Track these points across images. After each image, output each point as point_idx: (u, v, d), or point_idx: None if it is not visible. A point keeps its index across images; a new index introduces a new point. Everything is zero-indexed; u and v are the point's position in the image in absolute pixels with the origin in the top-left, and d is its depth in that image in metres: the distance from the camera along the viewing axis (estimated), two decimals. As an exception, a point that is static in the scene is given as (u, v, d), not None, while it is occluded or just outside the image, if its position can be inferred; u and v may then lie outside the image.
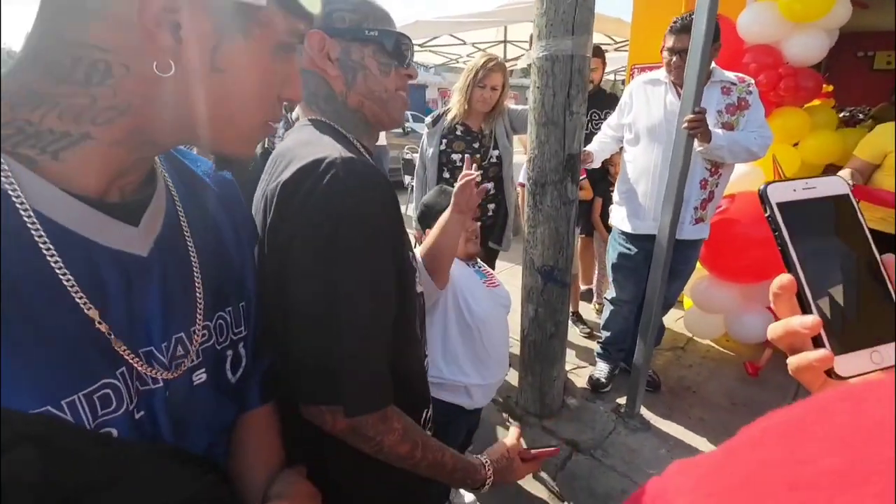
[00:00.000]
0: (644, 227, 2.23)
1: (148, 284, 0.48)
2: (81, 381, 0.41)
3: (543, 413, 2.35)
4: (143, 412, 0.48)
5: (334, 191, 0.63)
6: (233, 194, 0.65)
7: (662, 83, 2.16)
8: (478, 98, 2.24)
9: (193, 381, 0.53)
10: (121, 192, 0.47)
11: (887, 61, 6.14)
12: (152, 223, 0.50)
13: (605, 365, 2.62)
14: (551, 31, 1.83)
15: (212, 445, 0.57)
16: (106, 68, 0.41)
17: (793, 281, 0.36)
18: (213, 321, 0.56)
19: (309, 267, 0.64)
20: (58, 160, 0.41)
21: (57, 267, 0.40)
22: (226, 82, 0.46)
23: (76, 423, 0.40)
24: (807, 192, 0.37)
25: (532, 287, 2.19)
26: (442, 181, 2.39)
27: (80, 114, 0.42)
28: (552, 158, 1.97)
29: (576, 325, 3.24)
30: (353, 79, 0.78)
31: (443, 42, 6.64)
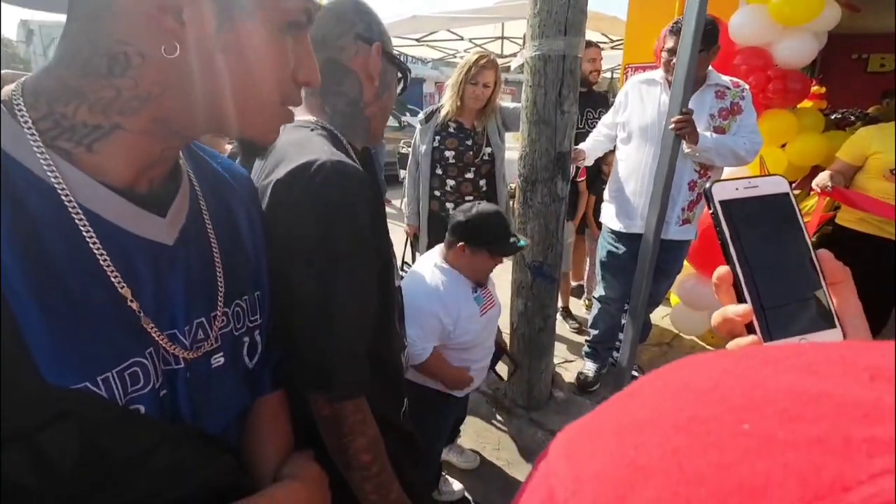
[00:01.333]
0: (633, 225, 2.26)
1: (173, 272, 0.51)
2: (115, 358, 0.44)
3: (531, 405, 2.41)
4: (166, 391, 0.50)
5: (324, 192, 0.67)
6: (249, 189, 0.68)
7: (658, 83, 2.18)
8: (470, 95, 2.27)
9: (212, 364, 0.56)
10: (149, 185, 0.50)
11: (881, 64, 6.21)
12: (178, 215, 0.53)
13: (594, 364, 2.65)
14: (544, 31, 1.87)
15: (227, 428, 0.60)
16: (125, 59, 0.43)
17: (730, 272, 0.38)
18: (231, 308, 0.59)
19: (301, 264, 0.69)
20: (92, 151, 0.44)
21: (98, 253, 0.44)
22: (234, 63, 0.47)
23: (110, 398, 0.43)
24: (748, 190, 0.39)
25: (522, 282, 2.24)
26: (434, 178, 2.42)
27: (108, 105, 0.44)
28: (543, 156, 2.01)
29: (565, 321, 3.29)
30: (383, 93, 0.86)
31: (440, 37, 6.65)
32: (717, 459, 0.15)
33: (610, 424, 0.19)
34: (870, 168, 2.35)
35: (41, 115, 0.43)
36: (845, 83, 5.85)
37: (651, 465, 0.16)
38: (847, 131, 3.48)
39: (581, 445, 0.19)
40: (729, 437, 0.15)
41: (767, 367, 0.18)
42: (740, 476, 0.14)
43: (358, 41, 0.80)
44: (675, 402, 0.18)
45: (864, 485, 0.12)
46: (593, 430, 0.20)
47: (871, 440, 0.13)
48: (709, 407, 0.17)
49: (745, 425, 0.15)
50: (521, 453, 2.18)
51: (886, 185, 2.29)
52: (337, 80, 0.82)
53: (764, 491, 0.13)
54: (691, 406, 0.17)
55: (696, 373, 0.19)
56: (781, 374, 0.17)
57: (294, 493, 0.61)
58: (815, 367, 0.17)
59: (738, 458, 0.15)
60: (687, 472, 0.15)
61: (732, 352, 0.20)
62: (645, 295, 1.87)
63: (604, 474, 0.17)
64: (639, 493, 0.16)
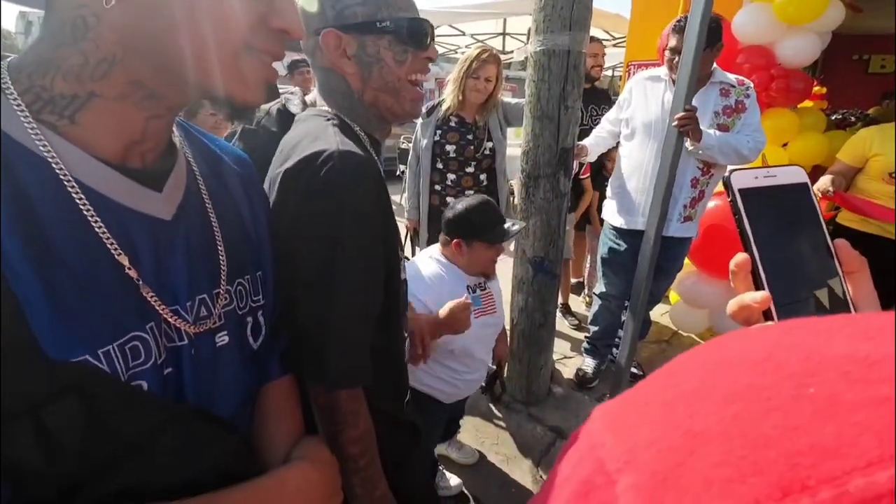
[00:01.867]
0: (635, 222, 2.26)
1: (172, 247, 0.51)
2: (116, 331, 0.44)
3: (529, 400, 2.41)
4: (171, 369, 0.50)
5: (332, 181, 0.68)
6: (250, 173, 0.67)
7: (663, 80, 2.18)
8: (471, 89, 2.26)
9: (217, 342, 0.55)
10: (142, 160, 0.49)
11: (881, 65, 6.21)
12: (174, 191, 0.52)
13: (593, 360, 2.65)
14: (549, 25, 1.87)
15: (236, 411, 0.59)
16: (83, 23, 0.43)
17: (748, 259, 0.39)
18: (234, 286, 0.59)
19: (304, 253, 0.69)
20: (75, 123, 0.44)
21: (96, 225, 0.43)
22: (185, 10, 0.44)
23: (111, 373, 0.43)
24: (767, 179, 0.40)
25: (523, 277, 2.24)
26: (435, 172, 2.42)
27: (79, 73, 0.43)
28: (546, 152, 2.01)
29: (565, 317, 3.29)
30: (370, 74, 0.78)
31: (442, 32, 6.63)
32: (783, 422, 0.15)
33: (656, 397, 0.19)
34: (870, 170, 2.35)
35: (24, 89, 0.43)
36: (846, 84, 5.86)
37: (710, 431, 0.16)
38: (847, 132, 3.48)
39: (626, 418, 0.19)
40: (792, 401, 0.15)
41: (820, 336, 0.18)
42: (810, 437, 0.14)
43: (317, 37, 0.77)
44: (727, 373, 0.18)
45: None
46: (637, 402, 0.19)
47: None
48: (765, 375, 0.16)
49: (808, 389, 0.15)
50: (520, 449, 2.18)
51: (887, 188, 2.29)
52: (324, 81, 0.83)
53: (837, 450, 0.13)
54: (746, 375, 0.17)
55: (746, 345, 0.19)
56: (837, 341, 0.17)
57: (303, 474, 0.60)
58: (870, 333, 0.17)
59: (805, 420, 0.14)
60: (750, 437, 0.15)
61: (780, 324, 0.20)
62: (646, 292, 1.87)
63: (658, 443, 0.17)
64: (699, 458, 0.15)
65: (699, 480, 0.15)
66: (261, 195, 0.69)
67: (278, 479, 0.58)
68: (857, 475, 0.12)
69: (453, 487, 1.93)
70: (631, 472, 0.17)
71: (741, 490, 0.14)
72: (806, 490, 0.13)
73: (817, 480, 0.13)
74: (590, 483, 0.18)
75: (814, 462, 0.13)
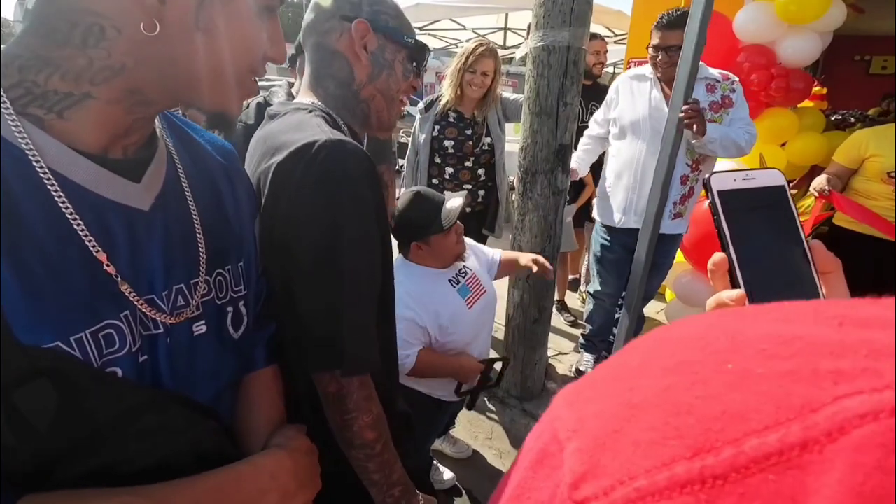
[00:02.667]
0: (627, 220, 2.26)
1: (150, 237, 0.51)
2: (88, 319, 0.45)
3: (524, 396, 2.42)
4: (147, 356, 0.51)
5: (328, 170, 0.68)
6: (233, 163, 0.68)
7: (648, 79, 2.18)
8: (468, 83, 2.25)
9: (194, 331, 0.56)
10: (123, 151, 0.50)
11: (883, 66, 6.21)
12: (153, 181, 0.53)
13: (590, 356, 2.67)
14: (549, 21, 1.86)
15: (216, 398, 0.61)
16: (100, 31, 0.44)
17: (725, 259, 0.40)
18: (213, 277, 0.59)
19: (307, 243, 0.69)
20: (63, 118, 0.45)
21: (69, 215, 0.44)
22: (210, 42, 0.49)
23: (84, 359, 0.44)
24: (746, 182, 0.41)
25: (518, 273, 2.24)
26: (434, 167, 2.41)
27: (79, 75, 0.45)
28: (544, 148, 2.01)
29: (560, 314, 3.30)
30: (379, 74, 0.83)
31: (443, 26, 6.60)
32: (703, 392, 0.17)
33: (607, 374, 0.22)
34: (866, 171, 2.36)
35: (12, 83, 0.43)
36: (846, 84, 5.85)
37: (645, 401, 0.18)
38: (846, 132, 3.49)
39: (581, 392, 0.21)
40: (713, 374, 0.17)
41: (748, 319, 0.20)
42: (723, 404, 0.16)
43: (343, 21, 0.79)
44: (666, 350, 0.20)
45: (829, 406, 0.14)
46: (593, 379, 0.22)
47: (836, 371, 0.15)
48: (696, 352, 0.19)
49: (728, 364, 0.17)
50: (513, 444, 2.19)
51: (883, 188, 2.30)
52: (326, 62, 0.82)
53: (743, 416, 0.15)
54: (680, 352, 0.19)
55: (685, 327, 0.21)
56: (760, 323, 0.19)
57: (279, 461, 0.61)
58: (790, 316, 0.19)
59: (720, 390, 0.16)
60: (676, 406, 0.17)
61: (717, 311, 0.22)
62: (641, 289, 1.88)
63: (602, 413, 0.19)
64: (634, 425, 0.18)
65: (630, 443, 0.17)
66: (245, 186, 0.69)
67: (253, 465, 0.59)
68: (754, 437, 0.14)
69: (446, 481, 1.95)
70: (577, 438, 0.19)
71: (662, 451, 0.16)
72: (713, 450, 0.15)
73: (723, 441, 0.15)
74: (545, 451, 0.21)
75: (722, 426, 0.15)
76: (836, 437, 0.13)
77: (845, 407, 0.14)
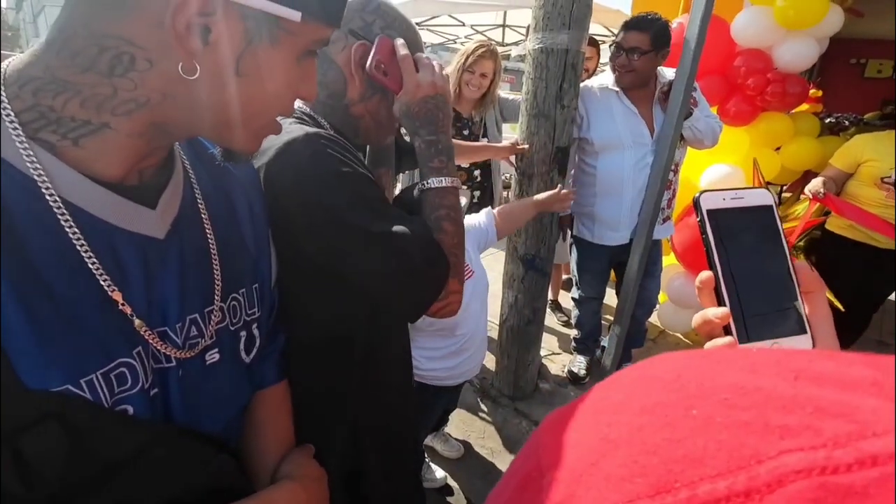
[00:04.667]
0: (618, 238, 2.22)
1: (165, 267, 0.49)
2: (100, 360, 0.43)
3: (517, 395, 2.44)
4: (157, 390, 0.49)
5: (314, 158, 0.68)
6: (251, 179, 0.66)
7: (612, 91, 2.12)
8: (466, 83, 2.25)
9: (206, 360, 0.54)
10: (139, 176, 0.48)
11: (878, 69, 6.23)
12: (170, 205, 0.51)
13: (583, 357, 2.68)
14: (548, 23, 1.85)
15: (228, 425, 0.59)
16: (130, 61, 0.41)
17: (712, 277, 0.41)
18: (228, 303, 0.57)
19: (322, 222, 0.69)
20: (78, 146, 0.42)
21: (83, 250, 0.42)
22: (248, 86, 0.47)
23: (94, 400, 0.42)
24: (735, 201, 0.42)
25: (514, 274, 2.25)
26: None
27: (101, 103, 0.42)
28: (541, 150, 2.01)
29: (554, 314, 3.32)
30: (371, 97, 0.82)
31: (441, 22, 6.56)
32: (670, 435, 0.18)
33: (590, 406, 0.23)
34: (862, 175, 2.38)
35: (26, 106, 0.40)
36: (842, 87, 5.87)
37: (620, 438, 0.20)
38: (841, 136, 3.51)
39: (565, 422, 0.23)
40: (681, 418, 0.19)
41: (718, 365, 0.21)
42: (685, 448, 0.17)
43: (349, 36, 0.78)
44: (645, 389, 0.22)
45: (772, 459, 0.16)
46: (576, 411, 0.23)
47: (783, 426, 0.17)
48: (669, 394, 0.20)
49: (693, 410, 0.19)
50: (505, 443, 2.21)
51: (877, 193, 2.33)
52: (322, 70, 0.82)
53: (701, 461, 0.17)
54: (656, 393, 0.21)
55: (664, 366, 0.23)
56: (729, 371, 0.21)
57: (293, 494, 0.60)
58: (756, 367, 0.20)
59: (685, 434, 0.18)
60: (646, 445, 0.19)
61: (696, 351, 0.24)
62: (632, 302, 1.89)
63: (581, 445, 0.21)
64: (608, 460, 0.19)
65: (603, 477, 0.19)
66: (261, 201, 0.67)
67: (266, 500, 0.58)
68: (707, 482, 0.16)
69: (438, 480, 1.96)
70: (557, 468, 0.21)
71: (629, 487, 0.17)
72: (671, 490, 0.16)
73: (681, 483, 0.16)
74: (529, 476, 0.22)
75: (682, 469, 0.17)
76: (774, 489, 0.15)
77: (784, 462, 0.15)
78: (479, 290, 1.59)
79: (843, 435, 0.15)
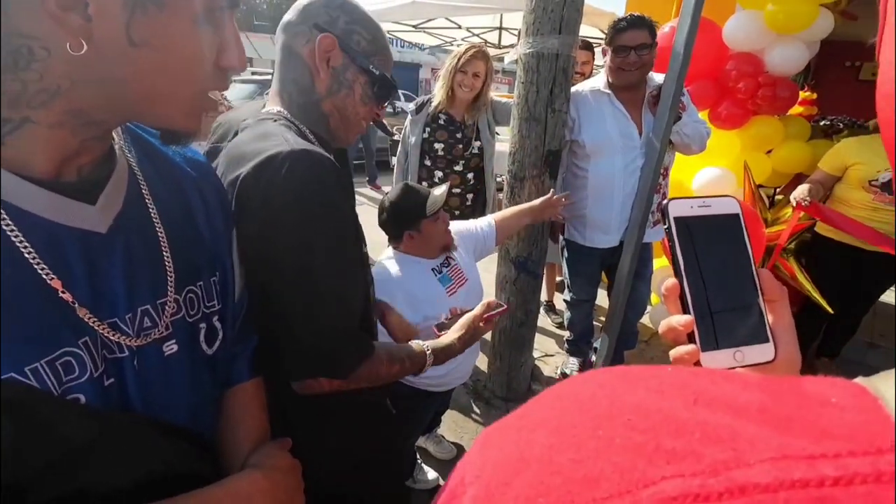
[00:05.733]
0: (608, 240, 2.24)
1: (109, 259, 0.50)
2: (45, 349, 0.44)
3: (510, 397, 2.45)
4: (113, 380, 0.50)
5: (293, 181, 0.68)
6: (206, 176, 0.67)
7: (605, 94, 2.13)
8: (458, 83, 2.26)
9: (164, 351, 0.55)
10: (77, 172, 0.49)
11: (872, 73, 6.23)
12: (112, 201, 0.51)
13: (576, 359, 2.70)
14: (539, 28, 1.87)
15: (194, 417, 0.59)
16: (29, 53, 0.42)
17: (677, 285, 0.42)
18: (183, 294, 0.58)
19: (281, 254, 0.70)
20: (5, 145, 0.43)
21: (20, 243, 0.43)
22: (147, 56, 0.46)
23: (42, 388, 0.43)
24: (702, 209, 0.42)
25: (506, 276, 2.27)
26: (424, 169, 2.43)
27: (15, 100, 0.43)
28: (532, 153, 2.03)
29: (548, 315, 3.34)
30: (337, 91, 0.82)
31: (438, 25, 6.58)
32: (574, 455, 0.19)
33: (515, 422, 0.24)
34: (849, 178, 2.40)
35: None
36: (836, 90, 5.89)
37: (532, 457, 0.20)
38: (834, 139, 3.53)
39: (493, 439, 0.24)
40: (587, 439, 0.19)
41: (630, 384, 0.22)
42: (585, 469, 0.18)
43: (314, 30, 0.79)
44: (561, 407, 0.23)
45: (655, 484, 0.16)
46: (504, 427, 0.24)
47: (671, 451, 0.17)
48: (581, 414, 0.21)
49: (599, 431, 0.19)
50: (498, 444, 2.22)
51: (862, 196, 2.35)
52: (290, 66, 0.82)
53: (597, 482, 0.18)
54: (570, 412, 0.22)
55: (582, 385, 0.24)
56: (637, 391, 0.21)
57: (254, 483, 0.60)
58: (663, 388, 0.21)
59: (587, 455, 0.19)
60: (553, 465, 0.19)
61: (613, 369, 0.24)
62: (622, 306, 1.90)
63: (498, 463, 0.22)
64: (520, 479, 0.20)
65: (513, 496, 0.19)
66: (219, 198, 0.68)
67: (226, 488, 0.58)
68: (600, 502, 0.17)
69: (430, 481, 1.97)
70: (476, 485, 0.21)
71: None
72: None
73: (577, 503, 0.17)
74: (454, 492, 0.23)
75: (580, 490, 0.18)
76: None
77: (663, 488, 0.16)
78: (472, 296, 1.61)
79: (719, 462, 0.16)
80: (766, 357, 0.41)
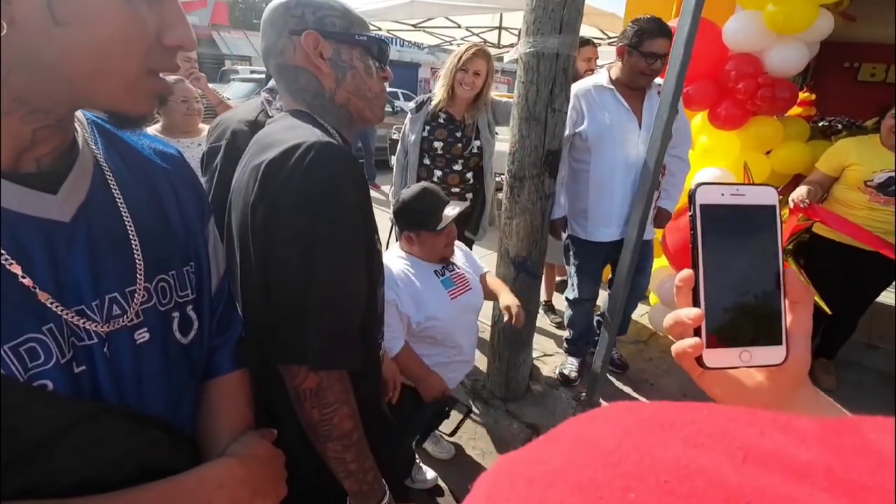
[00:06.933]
0: (610, 234, 2.27)
1: (73, 248, 0.50)
2: (7, 333, 0.44)
3: (508, 397, 2.45)
4: (84, 367, 0.50)
5: (313, 171, 0.70)
6: (178, 168, 0.67)
7: (608, 89, 2.18)
8: (459, 82, 2.26)
9: (136, 339, 0.55)
10: (37, 164, 0.49)
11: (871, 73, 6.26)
12: (74, 191, 0.51)
13: (575, 359, 2.71)
14: (539, 27, 1.87)
15: (170, 406, 0.59)
16: None
17: (692, 276, 0.39)
18: (154, 283, 0.58)
19: (290, 238, 0.71)
20: None
21: None
22: (74, 35, 0.44)
23: (7, 374, 0.43)
24: (734, 197, 0.38)
25: (505, 276, 2.26)
26: (423, 168, 2.42)
27: None
28: (532, 153, 2.03)
29: (547, 315, 3.34)
30: (343, 77, 0.84)
31: (437, 24, 6.58)
32: None
33: (527, 471, 0.21)
34: (847, 179, 2.41)
35: None
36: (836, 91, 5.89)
37: None
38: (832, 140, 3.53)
39: (500, 487, 0.21)
40: (616, 502, 0.17)
41: (663, 434, 0.19)
42: None
43: (293, 37, 0.81)
44: (582, 458, 0.20)
45: None
46: (513, 473, 0.21)
47: None
48: (606, 470, 0.19)
49: (631, 494, 0.17)
50: (496, 444, 2.22)
51: (860, 197, 2.36)
52: (293, 80, 0.84)
53: None
54: (593, 466, 0.19)
55: (604, 428, 0.21)
56: (673, 443, 0.19)
57: (228, 470, 0.60)
58: (702, 439, 0.19)
59: None
60: None
61: (640, 410, 0.22)
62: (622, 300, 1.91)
63: None
64: None
65: None
66: (192, 190, 0.68)
67: (198, 476, 0.58)
68: None
69: (429, 480, 1.97)
70: None
71: None
72: None
73: None
74: None
75: None
76: None
77: None
78: (472, 302, 1.62)
79: None
80: (776, 360, 0.39)
